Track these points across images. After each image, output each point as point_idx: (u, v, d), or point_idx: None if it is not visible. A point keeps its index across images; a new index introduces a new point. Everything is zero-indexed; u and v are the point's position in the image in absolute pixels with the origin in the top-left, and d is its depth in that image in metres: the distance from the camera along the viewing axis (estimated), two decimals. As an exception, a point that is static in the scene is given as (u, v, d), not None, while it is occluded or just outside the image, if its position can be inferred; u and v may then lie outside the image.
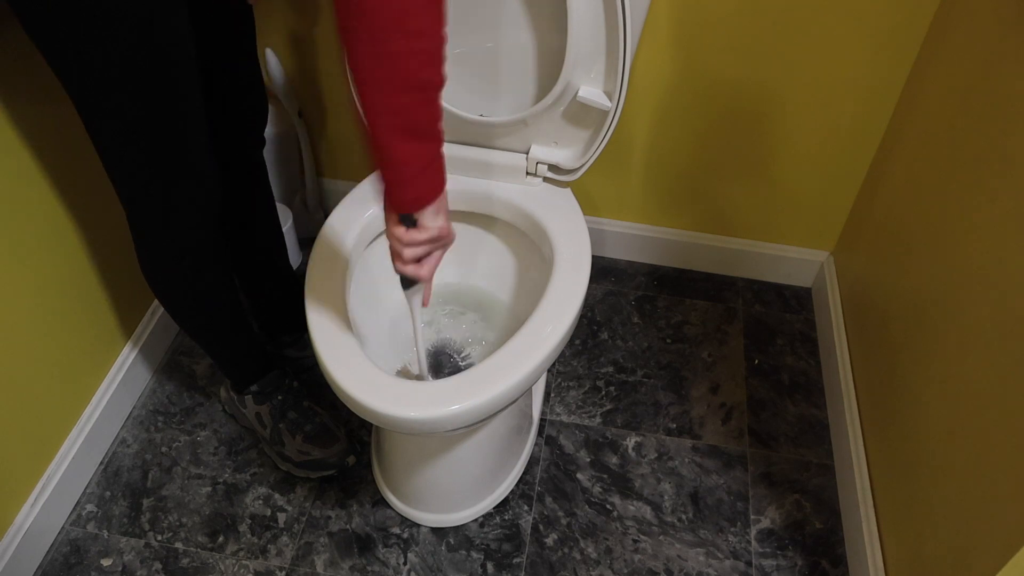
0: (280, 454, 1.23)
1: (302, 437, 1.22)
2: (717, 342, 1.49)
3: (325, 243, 1.06)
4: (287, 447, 1.22)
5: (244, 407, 1.25)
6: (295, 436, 1.22)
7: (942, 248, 1.04)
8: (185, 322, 1.12)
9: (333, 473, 1.23)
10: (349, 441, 1.24)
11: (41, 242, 1.09)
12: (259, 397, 1.23)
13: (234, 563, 1.16)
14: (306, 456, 1.21)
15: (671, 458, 1.30)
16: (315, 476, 1.23)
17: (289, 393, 1.24)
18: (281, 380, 1.24)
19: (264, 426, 1.24)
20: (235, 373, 1.23)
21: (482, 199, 1.16)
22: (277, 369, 1.25)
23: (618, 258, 1.64)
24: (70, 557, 1.16)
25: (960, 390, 0.93)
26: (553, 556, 1.18)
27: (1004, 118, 0.93)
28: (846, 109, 1.31)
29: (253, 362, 1.22)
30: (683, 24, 1.25)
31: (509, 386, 0.91)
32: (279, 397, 1.23)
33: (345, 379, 0.90)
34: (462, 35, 1.06)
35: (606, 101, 1.06)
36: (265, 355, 1.24)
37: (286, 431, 1.22)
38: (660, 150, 1.44)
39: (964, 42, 1.07)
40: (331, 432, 1.23)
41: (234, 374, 1.23)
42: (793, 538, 1.21)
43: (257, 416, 1.24)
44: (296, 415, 1.23)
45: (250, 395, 1.24)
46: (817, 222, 1.50)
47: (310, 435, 1.22)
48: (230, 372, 1.23)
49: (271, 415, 1.23)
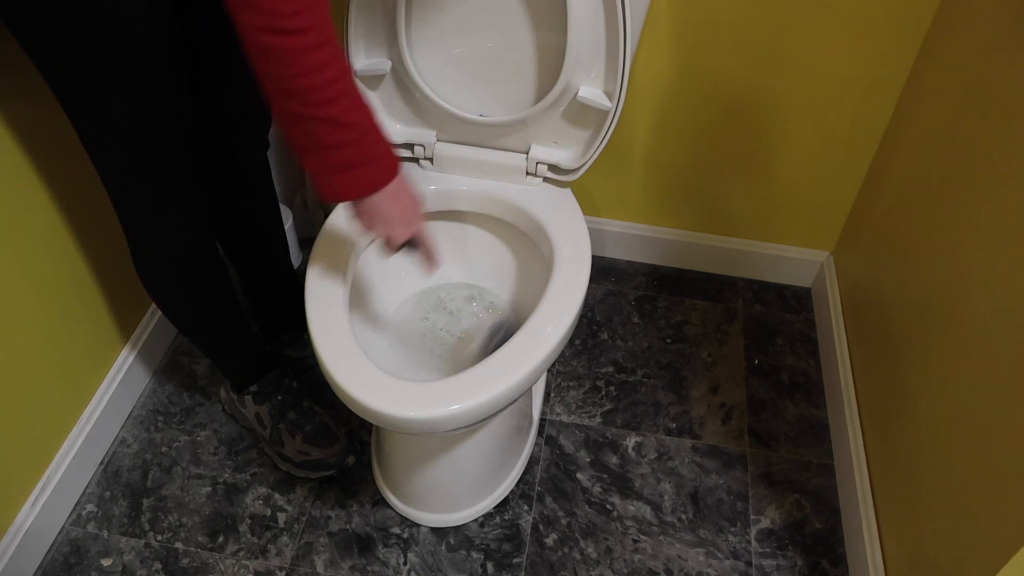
0: (280, 454, 1.23)
1: (302, 437, 1.22)
2: (717, 342, 1.49)
3: (325, 243, 1.06)
4: (287, 447, 1.22)
5: (244, 407, 1.25)
6: (295, 436, 1.22)
7: (942, 248, 1.04)
8: (182, 324, 1.12)
9: (333, 473, 1.23)
10: (349, 441, 1.24)
11: (41, 242, 1.09)
12: (259, 397, 1.23)
13: (234, 563, 1.16)
14: (306, 456, 1.21)
15: (671, 458, 1.30)
16: (315, 476, 1.23)
17: (289, 393, 1.24)
18: (280, 380, 1.24)
19: (264, 426, 1.24)
20: (234, 374, 1.23)
21: (482, 199, 1.16)
22: (276, 369, 1.25)
23: (618, 258, 1.64)
24: (70, 557, 1.16)
25: (960, 390, 0.93)
26: (553, 556, 1.18)
27: (1004, 117, 0.93)
28: (846, 109, 1.31)
29: (252, 362, 1.22)
30: (683, 24, 1.25)
31: (509, 386, 0.91)
32: (279, 397, 1.23)
33: (345, 379, 0.90)
34: (462, 35, 1.06)
35: (606, 101, 1.06)
36: (264, 355, 1.24)
37: (286, 431, 1.22)
38: (660, 150, 1.44)
39: (964, 42, 1.07)
40: (331, 432, 1.23)
41: (233, 375, 1.23)
42: (793, 538, 1.21)
43: (257, 416, 1.24)
44: (296, 415, 1.23)
45: (250, 395, 1.24)
46: (817, 222, 1.50)
47: (310, 435, 1.22)
48: (229, 373, 1.23)
49: (271, 415, 1.23)
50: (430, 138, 1.16)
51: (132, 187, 0.93)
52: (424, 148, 1.16)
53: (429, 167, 1.17)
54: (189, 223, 0.99)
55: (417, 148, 1.16)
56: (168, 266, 1.02)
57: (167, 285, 1.05)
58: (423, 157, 1.17)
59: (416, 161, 1.18)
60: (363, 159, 0.83)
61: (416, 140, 1.16)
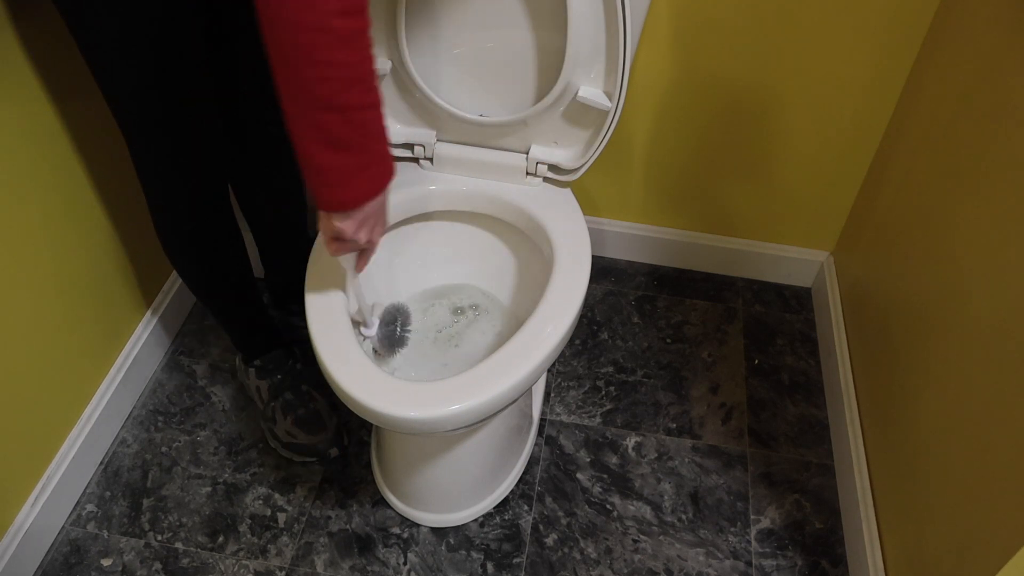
0: (271, 431, 1.27)
1: (292, 419, 1.24)
2: (717, 342, 1.49)
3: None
4: (277, 426, 1.25)
5: (248, 378, 1.30)
6: (286, 417, 1.25)
7: (942, 248, 1.04)
8: (198, 290, 1.18)
9: (315, 461, 1.26)
10: (336, 433, 1.26)
11: (40, 241, 1.09)
12: (261, 372, 1.28)
13: (234, 563, 1.16)
14: (292, 439, 1.24)
15: (671, 458, 1.30)
16: (298, 460, 1.26)
17: (290, 374, 1.28)
18: (284, 360, 1.28)
19: (262, 400, 1.29)
20: (243, 344, 1.28)
21: (482, 199, 1.16)
22: (282, 348, 1.29)
23: (618, 258, 1.64)
24: (70, 557, 1.16)
25: (960, 390, 0.93)
26: (553, 556, 1.18)
27: (1004, 118, 0.93)
28: (846, 109, 1.31)
29: (259, 337, 1.27)
30: (683, 24, 1.25)
31: (509, 386, 0.91)
32: (279, 376, 1.27)
33: (345, 379, 0.90)
34: (462, 35, 1.06)
35: (606, 101, 1.06)
36: (272, 333, 1.28)
37: (279, 410, 1.26)
38: (660, 150, 1.44)
39: (964, 42, 1.07)
40: (321, 420, 1.25)
41: (242, 345, 1.29)
42: (793, 538, 1.21)
43: (257, 389, 1.29)
44: (292, 396, 1.26)
45: (254, 368, 1.28)
46: (817, 222, 1.50)
47: (301, 419, 1.24)
48: (238, 343, 1.29)
49: (269, 391, 1.27)
50: (430, 138, 1.16)
51: (155, 158, 0.98)
52: (424, 148, 1.16)
53: (429, 167, 1.17)
54: (208, 197, 1.04)
55: (417, 148, 1.16)
56: (189, 239, 1.08)
57: (179, 245, 1.10)
58: (423, 157, 1.17)
59: (416, 161, 1.18)
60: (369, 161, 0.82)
61: (416, 140, 1.16)
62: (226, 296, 1.19)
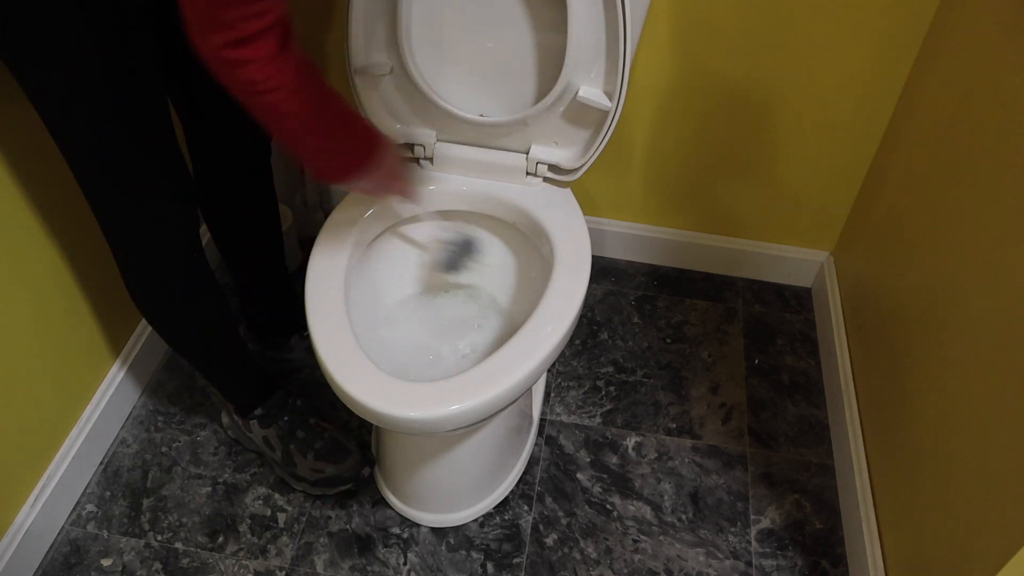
0: (293, 475, 1.21)
1: (314, 455, 1.19)
2: (717, 342, 1.49)
3: (325, 243, 1.06)
4: (299, 467, 1.19)
5: (250, 432, 1.23)
6: (306, 455, 1.19)
7: (942, 248, 1.04)
8: (180, 347, 1.12)
9: (351, 487, 1.21)
10: (362, 453, 1.21)
11: (40, 240, 1.09)
12: (264, 420, 1.20)
13: (234, 563, 1.16)
14: (320, 474, 1.19)
15: (671, 458, 1.30)
16: (332, 492, 1.21)
17: (295, 412, 1.21)
18: (285, 400, 1.22)
19: (273, 449, 1.21)
20: (237, 397, 1.21)
21: (482, 199, 1.16)
22: (280, 390, 1.22)
23: (618, 258, 1.64)
24: (70, 557, 1.16)
25: (960, 390, 0.93)
26: (553, 556, 1.18)
27: (1004, 118, 0.93)
28: (846, 109, 1.31)
29: (255, 384, 1.20)
30: (683, 24, 1.25)
31: (509, 386, 0.91)
32: (285, 418, 1.20)
33: (345, 379, 0.90)
34: (462, 35, 1.06)
35: (606, 101, 1.06)
36: (266, 376, 1.21)
37: (297, 452, 1.19)
38: (660, 150, 1.44)
39: (964, 42, 1.07)
40: (342, 446, 1.20)
41: (236, 398, 1.21)
42: (793, 538, 1.21)
43: (265, 440, 1.21)
44: (305, 434, 1.20)
45: (255, 419, 1.20)
46: (817, 222, 1.50)
47: (321, 452, 1.19)
48: (231, 396, 1.21)
49: (279, 437, 1.20)
50: (430, 138, 1.16)
51: (117, 209, 0.93)
52: (424, 148, 1.16)
53: (429, 167, 1.17)
54: (177, 246, 0.98)
55: (417, 148, 1.16)
56: (160, 290, 1.01)
57: (161, 309, 1.04)
58: (423, 157, 1.17)
59: (416, 161, 1.18)
60: None
61: (416, 140, 1.16)
62: (215, 350, 1.13)
